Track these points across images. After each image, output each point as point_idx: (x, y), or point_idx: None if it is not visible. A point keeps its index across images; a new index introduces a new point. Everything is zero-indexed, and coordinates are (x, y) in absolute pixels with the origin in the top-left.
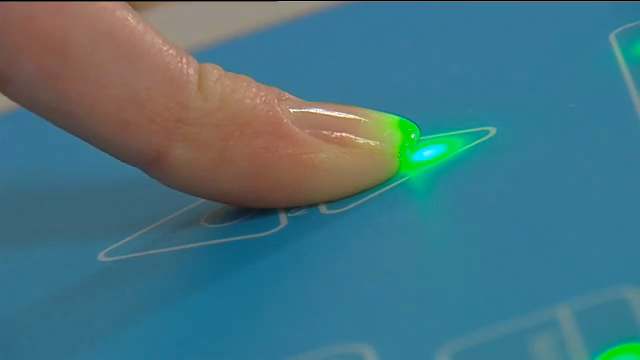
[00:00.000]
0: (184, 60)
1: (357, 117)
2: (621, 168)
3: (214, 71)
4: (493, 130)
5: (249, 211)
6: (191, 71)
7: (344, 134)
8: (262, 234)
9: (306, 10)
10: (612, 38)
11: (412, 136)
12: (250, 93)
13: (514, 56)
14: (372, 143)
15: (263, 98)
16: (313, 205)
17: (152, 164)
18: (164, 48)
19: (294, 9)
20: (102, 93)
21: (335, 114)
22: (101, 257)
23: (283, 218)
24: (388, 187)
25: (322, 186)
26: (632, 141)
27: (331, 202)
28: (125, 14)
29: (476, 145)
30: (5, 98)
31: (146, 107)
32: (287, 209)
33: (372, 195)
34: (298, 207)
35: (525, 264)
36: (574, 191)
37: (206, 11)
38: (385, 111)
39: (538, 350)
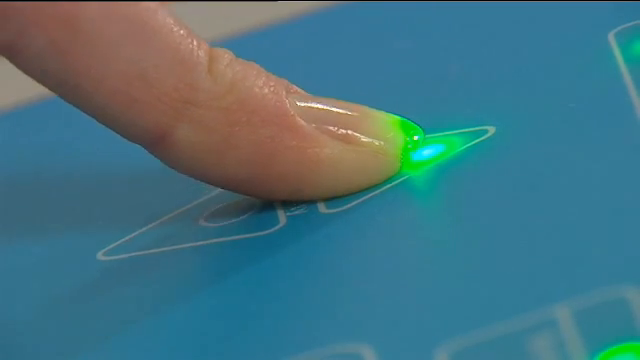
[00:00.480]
0: (195, 42)
1: (363, 116)
2: (620, 167)
3: (225, 55)
4: (492, 129)
5: (248, 210)
6: (201, 53)
7: (349, 131)
8: (261, 233)
9: (306, 10)
10: (611, 37)
11: (415, 138)
12: (260, 81)
13: (513, 55)
14: (376, 143)
15: (272, 88)
16: (312, 203)
17: (157, 143)
18: (175, 28)
19: (294, 9)
20: (111, 69)
21: (341, 111)
22: (100, 256)
23: (282, 217)
24: (387, 186)
25: (325, 181)
26: (631, 140)
27: (332, 199)
28: None
29: (475, 144)
30: (5, 96)
31: (154, 86)
32: (286, 208)
33: (371, 194)
34: (300, 201)
35: (524, 263)
36: (573, 190)
37: (206, 11)
38: (384, 110)
39: (537, 350)
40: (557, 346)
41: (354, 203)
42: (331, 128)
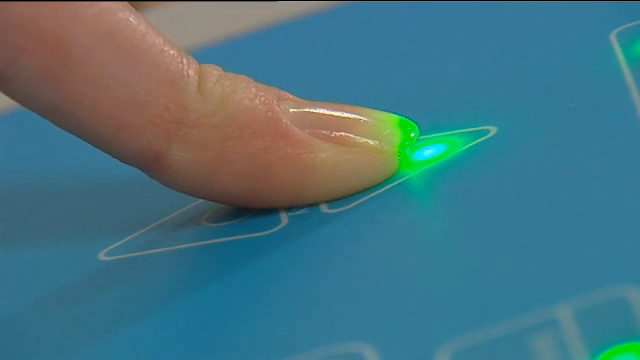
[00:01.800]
0: (184, 61)
1: (357, 116)
2: (621, 167)
3: (214, 72)
4: (493, 129)
5: (250, 210)
6: (191, 72)
7: (344, 133)
8: (263, 233)
9: (306, 10)
10: (613, 37)
11: (412, 135)
12: (249, 94)
13: (514, 55)
14: (372, 142)
15: (262, 98)
16: (314, 204)
17: (152, 165)
18: (165, 49)
19: (294, 9)
20: (102, 93)
21: (335, 113)
22: (101, 256)
23: (284, 217)
24: (388, 186)
25: (322, 186)
26: (632, 140)
27: (331, 201)
28: (127, 15)
29: (476, 144)
30: (5, 98)
31: (146, 108)
32: (288, 208)
33: (372, 194)
34: (299, 207)
35: (525, 263)
36: (574, 190)
37: (206, 11)
38: (385, 111)
39: (538, 349)
40: (558, 346)
41: (356, 203)
42: (325, 132)
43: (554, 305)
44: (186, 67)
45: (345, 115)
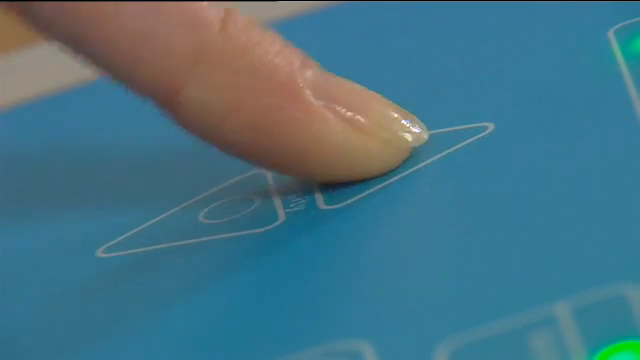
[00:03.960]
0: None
1: (375, 103)
2: (619, 164)
3: (243, 19)
4: (491, 126)
5: (247, 207)
6: (214, 12)
7: (357, 116)
8: (260, 230)
9: (306, 10)
10: (611, 35)
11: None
12: (273, 49)
13: (513, 53)
14: (382, 132)
15: (286, 58)
16: (312, 199)
17: (165, 100)
18: None
19: (294, 9)
20: (121, 27)
21: (353, 94)
22: (99, 253)
23: (281, 213)
24: (386, 182)
25: (328, 162)
26: (630, 138)
27: (331, 195)
28: None
29: (474, 141)
30: (5, 94)
31: (164, 43)
32: (285, 205)
33: (370, 191)
34: (303, 179)
35: (524, 261)
36: (572, 188)
37: None
38: None
39: (537, 347)
40: (557, 344)
41: (353, 199)
42: (339, 108)
43: (553, 303)
44: (208, 6)
45: (363, 98)
